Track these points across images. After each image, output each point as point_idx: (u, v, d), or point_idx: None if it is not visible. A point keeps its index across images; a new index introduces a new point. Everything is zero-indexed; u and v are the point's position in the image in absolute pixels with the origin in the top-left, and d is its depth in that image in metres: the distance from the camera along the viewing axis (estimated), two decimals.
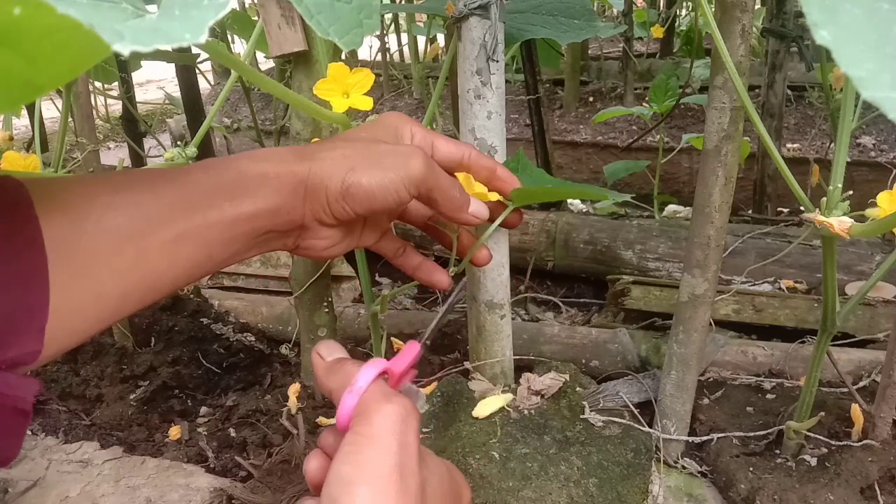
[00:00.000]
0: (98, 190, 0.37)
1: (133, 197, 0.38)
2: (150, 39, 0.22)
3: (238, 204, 0.42)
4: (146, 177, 0.40)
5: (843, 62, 0.22)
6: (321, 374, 0.43)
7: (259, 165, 0.43)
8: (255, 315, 1.11)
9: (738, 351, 0.90)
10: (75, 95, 0.90)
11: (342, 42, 0.36)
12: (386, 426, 0.37)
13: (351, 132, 0.52)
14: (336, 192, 0.44)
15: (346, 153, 0.45)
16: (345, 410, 0.39)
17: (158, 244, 0.38)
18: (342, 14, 0.36)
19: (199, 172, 0.41)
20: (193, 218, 0.40)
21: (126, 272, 0.37)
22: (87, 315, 0.36)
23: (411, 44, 2.50)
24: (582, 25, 0.72)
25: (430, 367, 0.93)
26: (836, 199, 0.52)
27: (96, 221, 0.36)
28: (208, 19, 0.24)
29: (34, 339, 0.33)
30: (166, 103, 3.00)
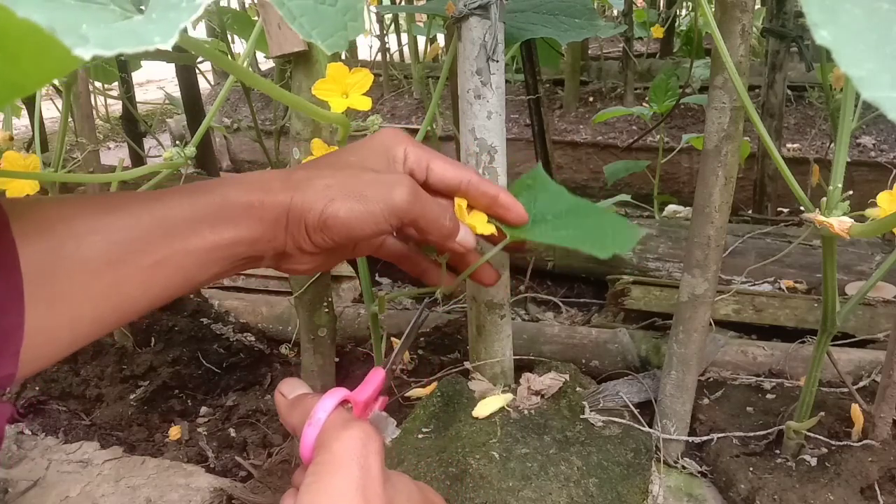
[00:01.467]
0: (78, 212, 0.37)
1: (113, 221, 0.38)
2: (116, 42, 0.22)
3: (220, 231, 0.41)
4: (127, 200, 0.39)
5: (843, 62, 0.22)
6: (284, 411, 0.43)
7: (245, 194, 0.42)
8: (255, 315, 1.11)
9: (738, 351, 0.90)
10: (75, 95, 0.90)
11: (326, 45, 0.35)
12: (345, 452, 0.37)
13: (342, 154, 0.49)
14: (314, 224, 0.44)
15: (328, 182, 0.44)
16: (306, 443, 0.39)
17: (136, 270, 0.38)
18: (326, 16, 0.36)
19: (183, 197, 0.41)
20: (173, 244, 0.39)
21: (102, 297, 0.37)
22: (60, 339, 0.36)
23: (411, 44, 2.50)
24: (582, 24, 0.72)
25: (430, 367, 0.93)
26: (836, 199, 0.52)
27: (75, 247, 0.36)
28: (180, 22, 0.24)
29: (9, 363, 0.32)
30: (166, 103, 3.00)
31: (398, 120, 2.41)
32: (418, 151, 0.49)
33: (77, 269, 0.36)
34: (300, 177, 0.45)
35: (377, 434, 0.39)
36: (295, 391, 0.44)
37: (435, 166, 0.50)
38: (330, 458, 0.37)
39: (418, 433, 0.71)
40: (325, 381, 0.92)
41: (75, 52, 0.21)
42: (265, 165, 2.41)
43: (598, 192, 2.00)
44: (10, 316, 0.32)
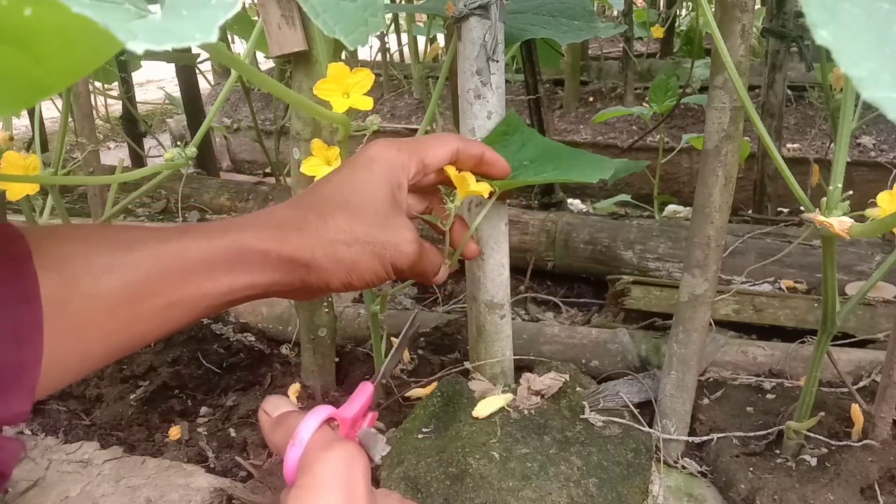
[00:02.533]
0: (95, 249, 0.37)
1: (131, 260, 0.38)
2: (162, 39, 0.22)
3: (235, 276, 0.42)
4: (145, 238, 0.39)
5: (843, 62, 0.22)
6: (267, 431, 0.43)
7: (261, 242, 0.43)
8: (255, 315, 1.11)
9: (738, 351, 0.90)
10: (75, 95, 0.90)
11: (348, 40, 0.36)
12: (328, 475, 0.36)
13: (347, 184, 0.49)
14: (340, 282, 0.47)
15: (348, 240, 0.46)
16: (289, 464, 0.38)
17: (150, 309, 0.38)
18: (348, 12, 0.36)
19: (200, 239, 0.41)
20: (188, 287, 0.40)
21: (115, 335, 0.37)
22: (68, 372, 0.36)
23: (411, 44, 2.50)
24: (582, 26, 0.72)
25: (430, 367, 0.93)
26: (836, 199, 0.52)
27: (92, 284, 0.36)
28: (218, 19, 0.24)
29: (25, 399, 0.32)
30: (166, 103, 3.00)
31: (398, 120, 2.41)
32: (414, 160, 0.51)
33: (92, 307, 0.36)
34: (317, 227, 0.45)
35: (361, 454, 0.39)
36: (279, 409, 0.43)
37: (427, 158, 0.51)
38: (312, 481, 0.36)
39: (418, 433, 0.71)
40: (325, 381, 0.92)
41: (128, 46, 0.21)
42: (265, 165, 2.41)
43: (598, 192, 2.00)
44: (29, 349, 0.32)
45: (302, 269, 0.45)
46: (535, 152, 0.62)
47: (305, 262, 0.44)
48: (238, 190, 1.69)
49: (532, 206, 1.46)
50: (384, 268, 0.48)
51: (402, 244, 0.48)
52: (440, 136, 0.54)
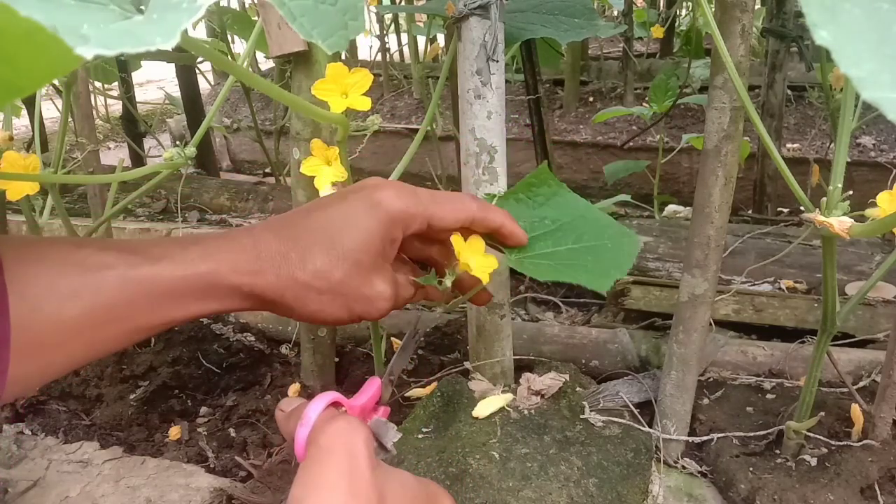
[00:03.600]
0: (65, 272, 0.37)
1: (98, 284, 0.38)
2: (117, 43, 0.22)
3: (206, 304, 0.42)
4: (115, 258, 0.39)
5: (843, 62, 0.22)
6: (282, 423, 0.45)
7: (236, 276, 0.43)
8: (255, 315, 1.11)
9: (738, 351, 0.90)
10: (75, 95, 0.90)
11: (326, 44, 0.35)
12: (330, 442, 0.38)
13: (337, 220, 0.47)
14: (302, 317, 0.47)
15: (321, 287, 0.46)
16: (299, 444, 0.41)
17: (116, 334, 0.39)
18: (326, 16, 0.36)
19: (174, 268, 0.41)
20: (155, 314, 0.40)
21: (78, 353, 0.38)
22: (29, 383, 0.37)
23: (411, 44, 2.50)
24: (582, 24, 0.72)
25: (429, 367, 0.93)
26: (836, 199, 0.52)
27: (56, 309, 0.36)
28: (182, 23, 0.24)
29: None
30: (166, 103, 3.00)
31: (398, 120, 2.41)
32: (417, 215, 0.49)
33: (55, 329, 0.36)
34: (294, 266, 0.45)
35: (363, 425, 0.41)
36: (291, 405, 0.46)
37: (435, 220, 0.49)
38: (317, 450, 0.38)
39: (418, 433, 0.71)
40: (325, 381, 0.92)
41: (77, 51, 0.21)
42: (265, 165, 2.41)
43: (598, 192, 2.00)
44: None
45: (269, 303, 0.46)
46: (558, 212, 0.59)
47: (274, 300, 0.45)
48: (238, 190, 1.69)
49: None
50: (350, 317, 0.48)
51: (376, 300, 0.48)
52: (459, 198, 0.52)
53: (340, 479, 0.37)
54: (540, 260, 0.55)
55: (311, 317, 0.47)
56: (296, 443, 0.41)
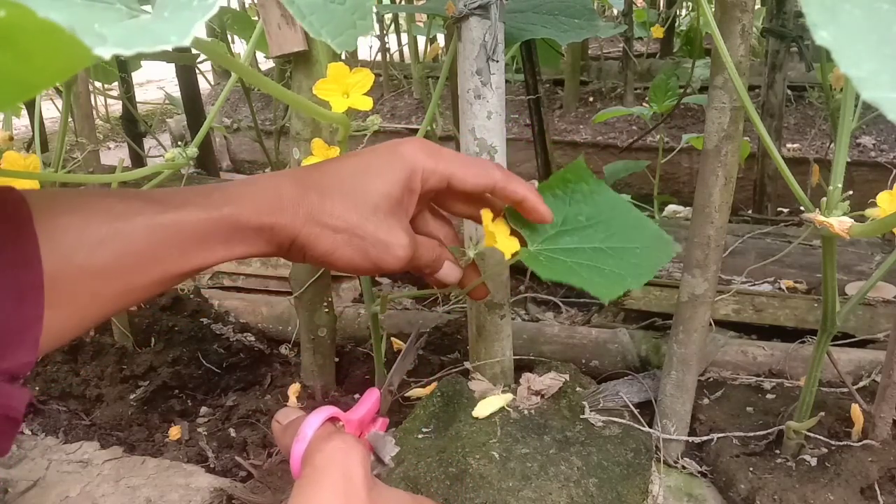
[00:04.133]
0: (94, 220, 0.37)
1: (126, 232, 0.38)
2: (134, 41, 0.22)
3: (231, 248, 0.43)
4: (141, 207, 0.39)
5: (843, 62, 0.22)
6: (279, 436, 0.45)
7: (258, 216, 0.43)
8: (255, 315, 1.11)
9: (738, 351, 0.90)
10: (75, 95, 0.90)
11: (335, 43, 0.36)
12: (326, 463, 0.38)
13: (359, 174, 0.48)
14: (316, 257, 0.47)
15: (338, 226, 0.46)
16: (295, 459, 0.41)
17: (145, 281, 0.39)
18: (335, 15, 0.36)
19: (198, 210, 0.41)
20: (183, 258, 0.40)
21: (110, 301, 0.38)
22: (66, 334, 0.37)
23: (411, 44, 2.50)
24: (582, 25, 0.72)
25: (430, 367, 0.93)
26: (836, 199, 0.52)
27: (87, 257, 0.36)
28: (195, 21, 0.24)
29: (29, 351, 0.33)
30: (166, 103, 3.00)
31: (398, 120, 2.41)
32: (437, 170, 0.49)
33: (87, 277, 0.36)
34: (313, 207, 0.46)
35: (359, 444, 0.40)
36: (289, 418, 0.46)
37: (455, 180, 0.50)
38: (312, 470, 0.39)
39: (418, 433, 0.71)
40: (325, 381, 0.92)
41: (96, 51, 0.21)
42: (265, 165, 2.41)
43: None
44: (30, 307, 0.33)
45: (287, 241, 0.45)
46: (594, 208, 0.58)
47: (292, 237, 0.45)
48: None
49: None
50: (364, 262, 0.47)
51: (393, 246, 0.48)
52: (483, 163, 0.52)
53: (335, 500, 0.37)
54: (559, 256, 0.55)
55: (325, 257, 0.47)
56: (291, 459, 0.41)
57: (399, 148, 0.49)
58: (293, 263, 0.87)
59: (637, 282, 0.52)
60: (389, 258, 0.48)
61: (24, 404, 0.34)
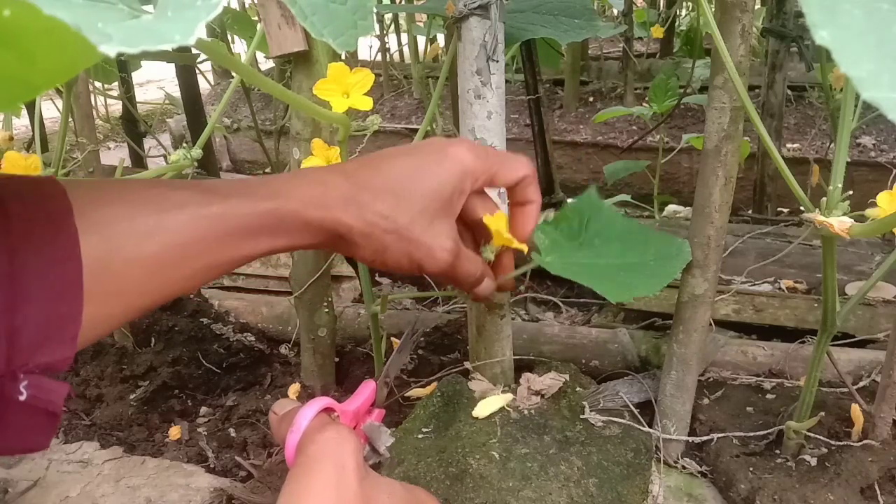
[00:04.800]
0: (140, 211, 0.37)
1: (173, 224, 0.38)
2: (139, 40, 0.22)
3: (277, 240, 0.43)
4: (187, 199, 0.40)
5: (843, 62, 0.22)
6: (274, 427, 0.46)
7: (305, 209, 0.43)
8: (255, 315, 1.11)
9: (738, 351, 0.90)
10: (75, 95, 0.90)
11: (337, 43, 0.36)
12: (319, 452, 0.39)
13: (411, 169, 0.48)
14: (364, 258, 0.48)
15: (388, 228, 0.46)
16: (289, 449, 0.41)
17: (190, 272, 0.39)
18: (337, 15, 0.36)
19: (243, 201, 0.41)
20: (229, 250, 0.41)
21: (156, 292, 0.39)
22: (110, 325, 0.38)
23: (411, 44, 2.50)
24: (582, 25, 0.72)
25: (429, 367, 0.93)
26: (836, 199, 0.52)
27: (134, 248, 0.36)
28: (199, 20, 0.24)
29: (67, 346, 0.33)
30: (166, 103, 3.00)
31: (398, 120, 2.41)
32: (486, 170, 0.51)
33: (133, 270, 0.36)
34: (364, 207, 0.46)
35: (353, 435, 0.41)
36: (284, 408, 0.46)
37: (497, 177, 0.52)
38: (305, 459, 0.39)
39: (418, 433, 0.71)
40: (325, 381, 0.92)
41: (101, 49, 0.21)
42: (265, 165, 2.41)
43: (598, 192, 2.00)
44: (69, 302, 0.33)
45: (336, 238, 0.46)
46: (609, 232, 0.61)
47: (341, 234, 0.45)
48: None
49: None
50: (409, 264, 0.48)
51: (436, 250, 0.48)
52: (517, 157, 0.54)
53: (327, 489, 0.37)
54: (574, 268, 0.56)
55: (374, 257, 0.47)
56: (286, 449, 0.41)
57: (450, 150, 0.50)
58: (293, 263, 0.87)
59: (649, 290, 0.54)
60: (432, 261, 0.48)
61: (63, 398, 0.34)
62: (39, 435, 0.34)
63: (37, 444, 0.34)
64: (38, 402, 0.33)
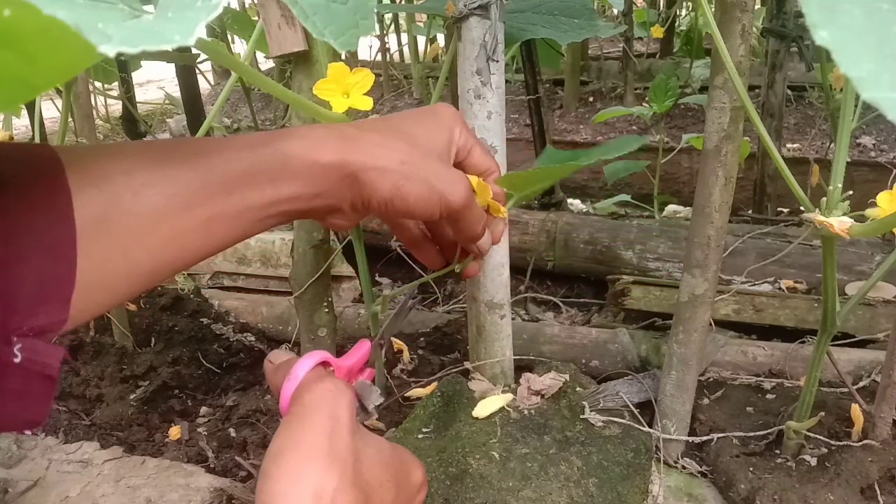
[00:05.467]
0: (135, 165, 0.36)
1: (172, 173, 0.37)
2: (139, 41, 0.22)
3: (280, 186, 0.41)
4: (186, 151, 0.39)
5: (843, 63, 0.22)
6: (270, 375, 0.46)
7: (308, 151, 0.42)
8: (255, 315, 1.11)
9: (738, 351, 0.90)
10: (75, 95, 0.90)
11: (338, 43, 0.36)
12: (314, 402, 0.40)
13: (408, 122, 0.49)
14: (382, 198, 0.44)
15: (403, 159, 0.44)
16: (284, 398, 0.42)
17: (194, 223, 0.38)
18: (338, 15, 0.36)
19: (242, 150, 0.40)
20: (231, 197, 0.39)
21: (160, 248, 0.37)
22: (117, 287, 0.36)
23: (411, 44, 2.50)
24: (582, 25, 0.72)
25: (430, 367, 0.93)
26: (836, 199, 0.52)
27: (132, 200, 0.35)
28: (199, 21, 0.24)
29: (60, 309, 0.33)
30: (166, 103, 3.00)
31: None
32: (467, 136, 0.52)
33: (134, 222, 0.35)
34: (371, 141, 0.44)
35: (349, 388, 0.42)
36: (280, 358, 0.46)
37: (475, 152, 0.53)
38: (301, 408, 0.40)
39: (418, 433, 0.71)
40: None
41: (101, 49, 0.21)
42: None
43: (598, 192, 2.00)
44: (62, 264, 0.33)
45: (347, 179, 0.43)
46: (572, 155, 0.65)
47: (352, 172, 0.43)
48: None
49: (532, 206, 1.46)
50: (432, 196, 0.46)
51: (457, 181, 0.47)
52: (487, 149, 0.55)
53: (321, 438, 0.38)
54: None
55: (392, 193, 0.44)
56: (281, 397, 0.42)
57: (440, 110, 0.51)
58: (293, 263, 0.87)
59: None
60: (455, 194, 0.47)
61: (59, 361, 0.33)
62: (37, 401, 0.33)
63: (36, 412, 0.33)
64: (33, 366, 0.32)
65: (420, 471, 0.46)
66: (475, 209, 0.51)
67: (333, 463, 0.37)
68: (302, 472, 0.36)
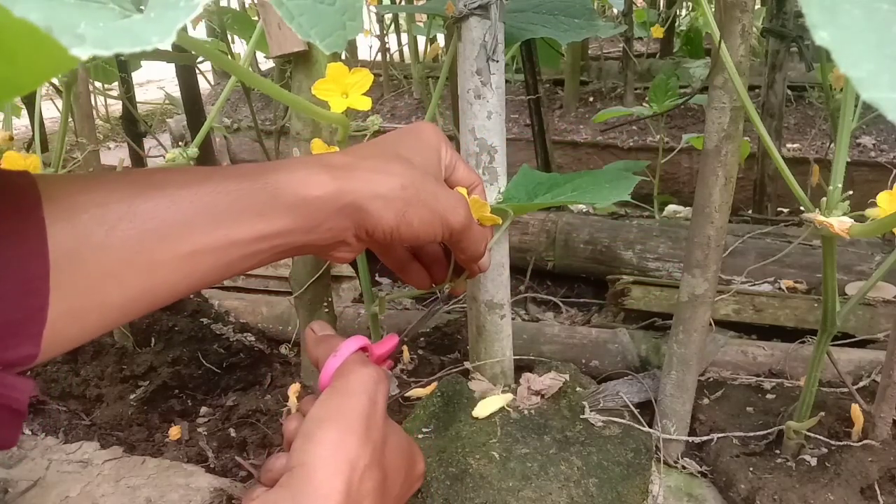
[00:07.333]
0: (110, 197, 0.35)
1: (148, 207, 0.35)
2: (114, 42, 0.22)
3: (270, 220, 0.39)
4: (166, 182, 0.37)
5: (843, 63, 0.22)
6: (311, 344, 0.49)
7: (300, 186, 0.40)
8: (255, 315, 1.11)
9: (738, 351, 0.90)
10: (75, 95, 0.90)
11: (324, 45, 0.35)
12: (359, 384, 0.43)
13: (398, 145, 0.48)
14: (388, 227, 0.43)
15: (404, 184, 0.43)
16: (328, 371, 0.46)
17: (172, 259, 0.36)
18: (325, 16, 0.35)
19: (229, 181, 0.38)
20: (215, 232, 0.37)
21: (134, 285, 0.36)
22: (89, 322, 0.35)
23: (411, 44, 2.50)
24: (582, 25, 0.72)
25: (430, 367, 0.93)
26: (836, 199, 0.52)
27: (106, 234, 0.34)
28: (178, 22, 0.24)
29: (32, 343, 0.32)
30: (166, 103, 3.00)
31: (398, 120, 2.41)
32: (451, 153, 0.53)
33: (107, 258, 0.34)
34: (368, 167, 0.43)
35: (387, 379, 0.46)
36: (324, 331, 0.50)
37: (459, 168, 0.54)
38: (345, 385, 0.43)
39: (418, 433, 0.71)
40: None
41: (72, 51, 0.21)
42: None
43: None
44: (34, 299, 0.32)
45: (346, 210, 0.41)
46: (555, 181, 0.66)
47: (351, 202, 0.41)
48: None
49: None
50: (432, 219, 0.45)
51: (457, 202, 0.47)
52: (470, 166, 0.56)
53: (360, 419, 0.41)
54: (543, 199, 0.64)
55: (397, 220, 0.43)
56: (324, 370, 0.46)
57: (424, 130, 0.52)
58: (293, 263, 0.87)
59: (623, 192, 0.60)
60: (455, 213, 0.46)
61: (28, 395, 0.33)
62: (6, 430, 0.33)
63: (3, 440, 0.33)
64: (1, 399, 0.32)
65: (423, 463, 0.51)
66: (476, 228, 0.50)
67: (368, 442, 0.41)
68: (342, 443, 0.40)
